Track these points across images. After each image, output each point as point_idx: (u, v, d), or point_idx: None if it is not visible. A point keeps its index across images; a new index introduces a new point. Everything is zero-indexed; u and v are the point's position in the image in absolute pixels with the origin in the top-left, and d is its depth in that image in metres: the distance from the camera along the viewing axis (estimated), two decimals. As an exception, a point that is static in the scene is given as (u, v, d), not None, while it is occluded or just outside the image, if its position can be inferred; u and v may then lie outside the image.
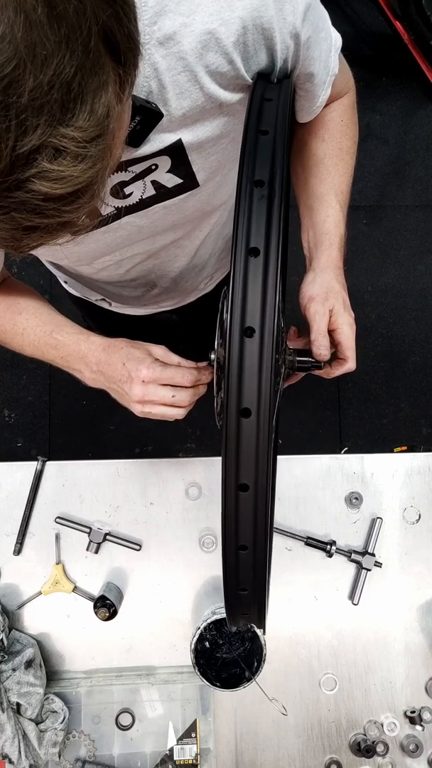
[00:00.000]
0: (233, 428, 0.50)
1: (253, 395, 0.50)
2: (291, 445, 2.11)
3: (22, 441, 2.19)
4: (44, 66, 0.35)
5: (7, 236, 0.43)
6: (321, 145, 0.84)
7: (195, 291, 1.17)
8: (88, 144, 0.40)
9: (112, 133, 0.42)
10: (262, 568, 0.56)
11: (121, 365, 0.79)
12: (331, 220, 0.81)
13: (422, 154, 2.45)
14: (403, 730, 1.09)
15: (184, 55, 0.60)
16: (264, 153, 0.54)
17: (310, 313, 0.76)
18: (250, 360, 0.50)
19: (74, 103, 0.38)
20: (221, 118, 0.68)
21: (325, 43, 0.72)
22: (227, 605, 0.61)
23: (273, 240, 0.50)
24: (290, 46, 0.65)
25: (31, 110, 0.36)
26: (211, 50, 0.61)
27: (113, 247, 0.84)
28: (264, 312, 0.50)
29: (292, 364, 0.77)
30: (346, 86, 0.85)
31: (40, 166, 0.38)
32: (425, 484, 1.16)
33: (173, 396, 0.78)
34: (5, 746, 0.97)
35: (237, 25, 0.60)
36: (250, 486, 0.52)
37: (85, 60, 0.37)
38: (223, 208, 0.90)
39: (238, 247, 0.51)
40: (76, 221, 0.45)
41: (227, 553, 0.55)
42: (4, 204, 0.40)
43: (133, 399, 0.78)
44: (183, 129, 0.67)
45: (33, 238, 0.44)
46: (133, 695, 1.06)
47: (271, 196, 0.52)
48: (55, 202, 0.41)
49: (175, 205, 0.77)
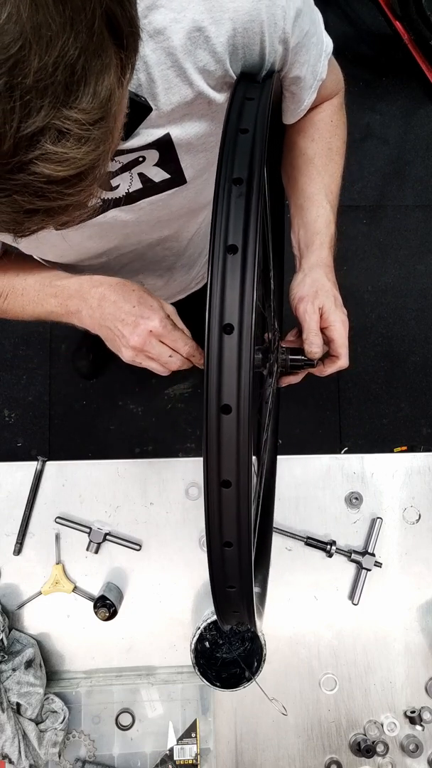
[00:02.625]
0: (214, 425, 0.50)
1: (233, 391, 0.50)
2: (291, 445, 2.11)
3: (22, 441, 2.19)
4: (49, 47, 0.35)
5: (8, 219, 0.43)
6: (311, 145, 0.84)
7: (185, 290, 1.17)
8: (92, 126, 0.40)
9: (114, 117, 0.42)
10: (248, 564, 0.56)
11: (130, 306, 0.76)
12: (321, 220, 0.81)
13: (422, 154, 2.45)
14: (403, 730, 1.09)
15: (174, 51, 0.60)
16: (243, 151, 0.54)
17: (300, 313, 0.77)
18: (229, 356, 0.50)
19: (77, 85, 0.38)
20: (210, 116, 0.68)
21: (315, 48, 0.72)
22: (216, 603, 0.61)
23: (251, 237, 0.50)
24: (278, 51, 0.65)
25: (36, 91, 0.36)
26: (200, 47, 0.61)
27: (97, 242, 0.83)
28: (242, 308, 0.50)
29: (285, 363, 0.77)
30: (336, 87, 0.85)
31: (44, 148, 0.38)
32: (425, 484, 1.16)
33: (170, 356, 0.77)
34: (5, 746, 0.97)
35: (227, 26, 0.60)
36: (232, 482, 0.51)
37: (89, 42, 0.37)
38: (210, 207, 0.90)
39: (216, 244, 0.51)
40: (78, 204, 0.45)
41: (212, 550, 0.55)
42: (7, 186, 0.39)
43: (130, 343, 0.76)
44: (171, 124, 0.67)
45: (34, 222, 0.44)
46: (133, 695, 1.06)
47: (249, 193, 0.52)
48: (57, 185, 0.41)
49: (162, 201, 0.77)
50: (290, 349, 0.78)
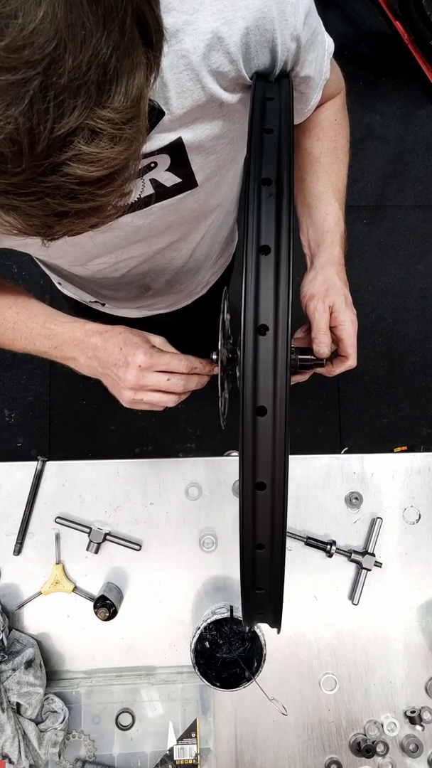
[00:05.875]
0: (249, 427, 0.50)
1: (269, 393, 0.50)
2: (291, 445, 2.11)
3: (22, 441, 2.19)
4: (83, 46, 0.35)
5: (39, 223, 0.42)
6: (316, 144, 0.84)
7: (190, 294, 1.17)
8: (124, 126, 0.40)
9: (144, 116, 0.42)
10: (279, 567, 0.55)
11: (117, 350, 0.77)
12: (331, 218, 0.81)
13: (422, 154, 2.45)
14: (403, 730, 1.09)
15: (186, 54, 0.60)
16: (270, 151, 0.54)
17: (310, 311, 0.76)
18: (265, 358, 0.50)
19: (110, 84, 0.38)
20: (221, 118, 0.68)
21: (321, 47, 0.72)
22: (243, 604, 0.61)
23: (283, 237, 0.51)
24: (291, 48, 0.65)
25: (69, 91, 0.36)
26: (214, 49, 0.60)
27: (109, 248, 0.83)
28: (277, 309, 0.50)
29: (295, 363, 0.77)
30: (338, 87, 0.85)
31: (77, 149, 0.38)
32: (425, 484, 1.16)
33: (168, 380, 0.77)
34: (5, 746, 0.97)
35: (240, 26, 0.60)
36: (267, 484, 0.52)
37: (120, 41, 0.37)
38: (219, 209, 0.90)
39: (249, 245, 0.51)
40: (108, 206, 0.45)
41: (244, 551, 0.55)
42: (39, 189, 0.39)
43: (126, 384, 0.77)
44: (183, 128, 0.66)
45: (65, 224, 0.43)
46: (133, 695, 1.06)
47: (279, 193, 0.52)
48: (90, 186, 0.41)
49: (172, 206, 0.77)
50: (299, 349, 0.78)
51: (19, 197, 0.39)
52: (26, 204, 0.40)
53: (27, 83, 0.34)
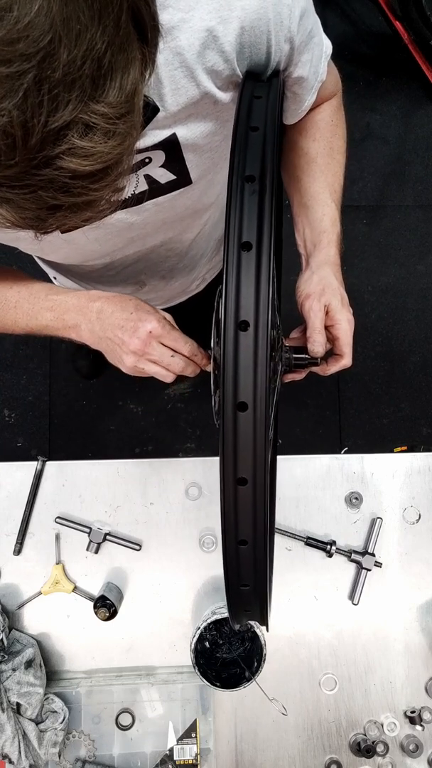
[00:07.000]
0: (230, 422, 0.50)
1: (249, 389, 0.50)
2: (291, 445, 2.11)
3: (22, 441, 2.19)
4: (78, 40, 0.35)
5: (32, 216, 0.42)
6: (313, 145, 0.84)
7: (185, 292, 1.17)
8: (118, 120, 0.40)
9: (138, 111, 0.42)
10: (263, 563, 0.55)
11: (128, 313, 0.76)
12: (327, 219, 0.81)
13: (422, 154, 2.45)
14: (403, 730, 1.09)
15: (181, 51, 0.60)
16: (254, 149, 0.54)
17: (305, 310, 0.76)
18: (245, 354, 0.50)
19: (104, 79, 0.38)
20: (215, 116, 0.68)
21: (317, 49, 0.72)
22: (229, 601, 0.61)
23: (265, 234, 0.51)
24: (284, 50, 0.65)
25: (64, 85, 0.36)
26: (209, 48, 0.61)
27: (103, 244, 0.83)
28: (258, 305, 0.50)
29: (289, 361, 0.77)
30: (335, 88, 0.85)
31: (71, 142, 0.38)
32: (425, 484, 1.16)
33: (171, 356, 0.77)
34: (5, 746, 0.97)
35: (235, 25, 0.60)
36: (248, 480, 0.51)
37: (116, 36, 0.37)
38: (213, 207, 0.90)
39: (230, 241, 0.51)
40: (101, 201, 0.45)
41: (227, 548, 0.55)
42: (32, 182, 0.39)
43: (130, 348, 0.76)
44: (178, 124, 0.67)
45: (57, 218, 0.44)
46: (133, 695, 1.06)
47: (262, 191, 0.52)
48: (83, 180, 0.41)
49: (167, 202, 0.77)
50: (294, 348, 0.78)
51: (12, 190, 0.40)
52: (19, 197, 0.40)
53: (21, 76, 0.35)
